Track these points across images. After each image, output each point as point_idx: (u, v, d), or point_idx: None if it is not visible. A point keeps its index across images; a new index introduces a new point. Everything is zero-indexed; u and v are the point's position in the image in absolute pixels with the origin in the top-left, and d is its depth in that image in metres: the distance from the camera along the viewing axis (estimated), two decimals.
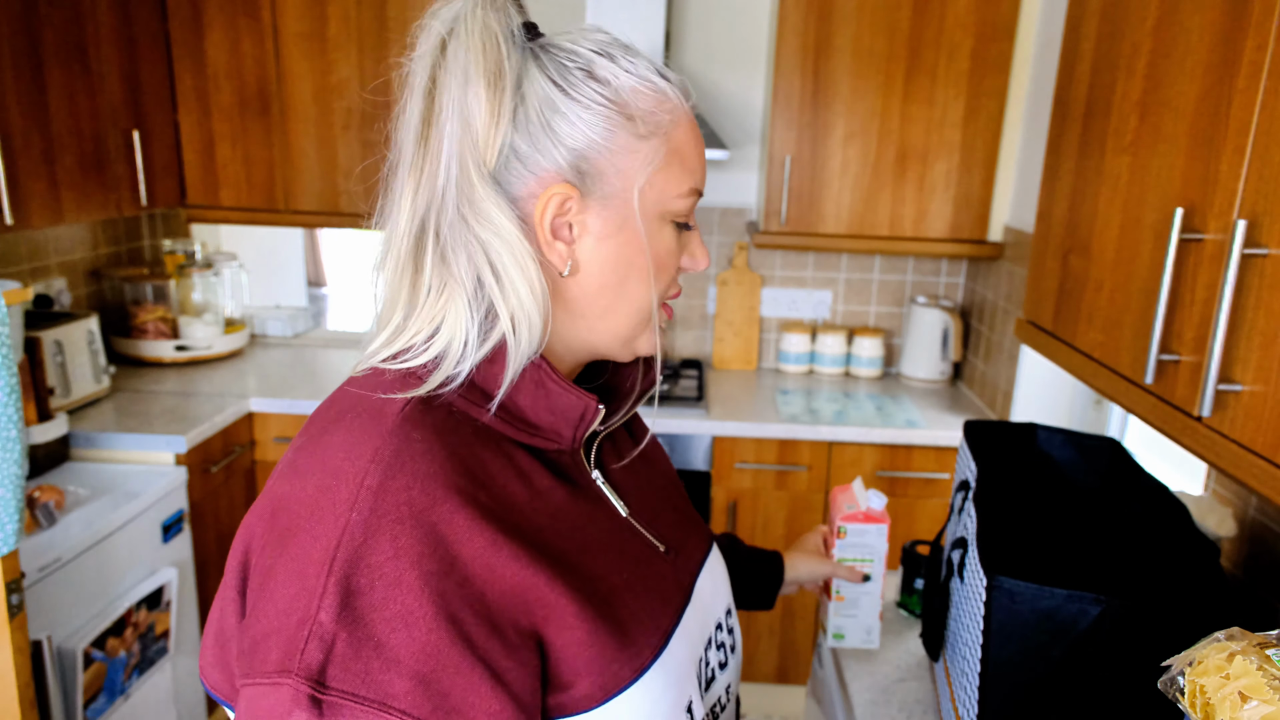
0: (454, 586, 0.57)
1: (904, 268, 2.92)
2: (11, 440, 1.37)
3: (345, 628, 0.54)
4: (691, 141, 0.70)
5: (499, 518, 0.61)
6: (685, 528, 0.83)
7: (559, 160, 0.64)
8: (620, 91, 0.66)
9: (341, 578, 0.55)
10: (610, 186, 0.66)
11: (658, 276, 0.70)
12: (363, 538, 0.56)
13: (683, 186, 0.69)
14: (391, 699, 0.53)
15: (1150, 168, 1.03)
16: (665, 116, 0.68)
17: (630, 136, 0.66)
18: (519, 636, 0.59)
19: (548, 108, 0.64)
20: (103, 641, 1.82)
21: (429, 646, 0.55)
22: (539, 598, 0.60)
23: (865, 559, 1.24)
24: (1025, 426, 1.34)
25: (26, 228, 1.98)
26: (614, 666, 0.64)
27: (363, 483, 0.58)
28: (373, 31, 2.50)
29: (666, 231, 0.70)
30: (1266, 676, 0.68)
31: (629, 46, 0.69)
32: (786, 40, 2.41)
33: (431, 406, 0.64)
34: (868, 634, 1.31)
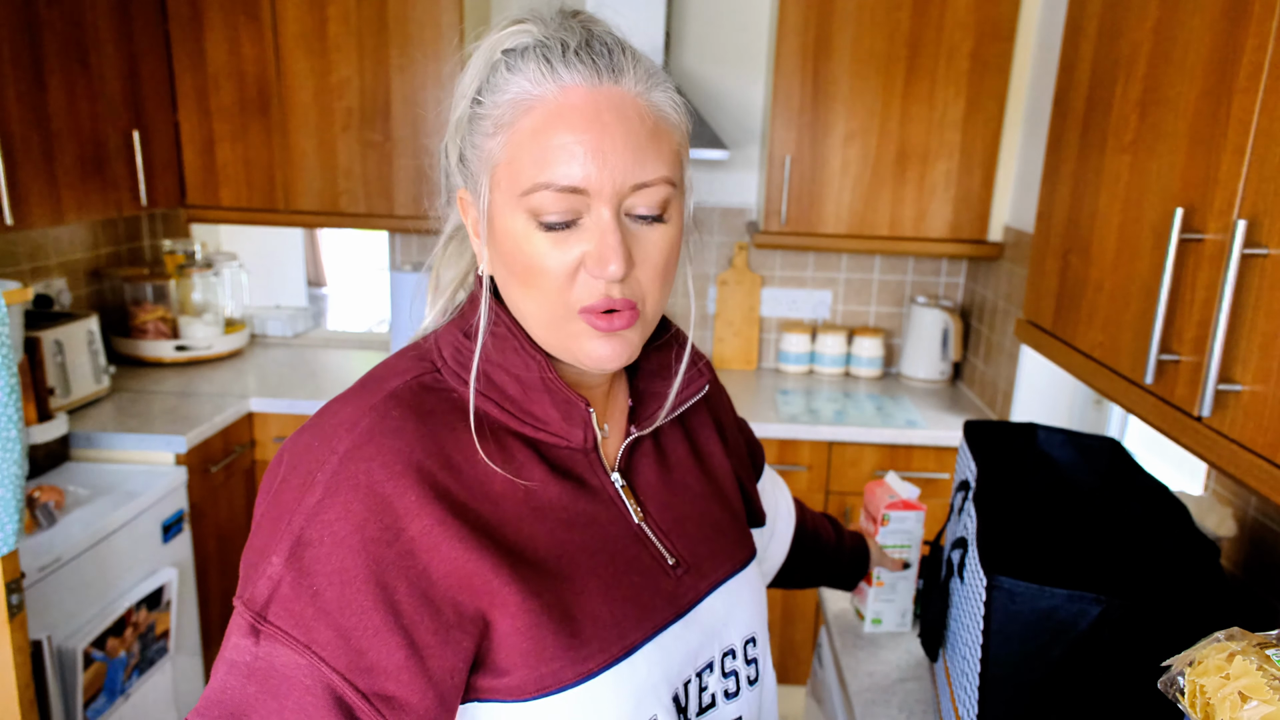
0: (394, 556, 0.61)
1: (904, 268, 2.92)
2: (11, 440, 1.37)
3: (291, 572, 0.60)
4: (549, 132, 0.63)
5: (457, 502, 0.64)
6: (713, 544, 0.80)
7: (463, 167, 0.70)
8: (489, 90, 0.66)
9: (297, 529, 0.61)
10: (476, 188, 0.68)
11: (531, 279, 0.65)
12: (321, 496, 0.61)
13: (526, 181, 0.63)
14: (315, 645, 0.59)
15: (1150, 168, 1.03)
16: (510, 110, 0.64)
17: (481, 135, 0.66)
18: (458, 616, 0.62)
19: (465, 118, 0.69)
20: (103, 641, 1.82)
21: (356, 605, 0.59)
22: (484, 582, 0.63)
23: (905, 544, 1.35)
24: (1025, 426, 1.34)
25: (26, 228, 1.98)
26: (554, 665, 0.65)
27: (334, 447, 0.63)
28: (373, 31, 2.50)
29: (528, 232, 0.64)
30: (1266, 676, 0.68)
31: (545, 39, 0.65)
32: (786, 40, 2.41)
33: (429, 389, 0.68)
34: (902, 617, 1.41)
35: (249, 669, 0.59)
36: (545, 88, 0.63)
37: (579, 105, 0.63)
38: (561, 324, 0.67)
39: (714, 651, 0.77)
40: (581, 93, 0.63)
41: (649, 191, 0.65)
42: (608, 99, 0.63)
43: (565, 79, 0.63)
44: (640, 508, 0.76)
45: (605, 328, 0.66)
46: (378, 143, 2.57)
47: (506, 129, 0.64)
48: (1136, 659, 0.89)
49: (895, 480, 1.37)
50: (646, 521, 0.76)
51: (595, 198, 0.63)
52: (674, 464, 0.81)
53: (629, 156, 0.63)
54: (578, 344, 0.67)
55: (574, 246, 0.64)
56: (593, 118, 0.62)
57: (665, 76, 0.68)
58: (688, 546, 0.78)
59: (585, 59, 0.64)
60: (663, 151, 0.65)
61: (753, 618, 0.82)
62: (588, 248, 0.64)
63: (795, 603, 2.54)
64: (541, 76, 0.63)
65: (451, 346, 0.71)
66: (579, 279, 0.65)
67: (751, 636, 0.81)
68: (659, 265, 0.67)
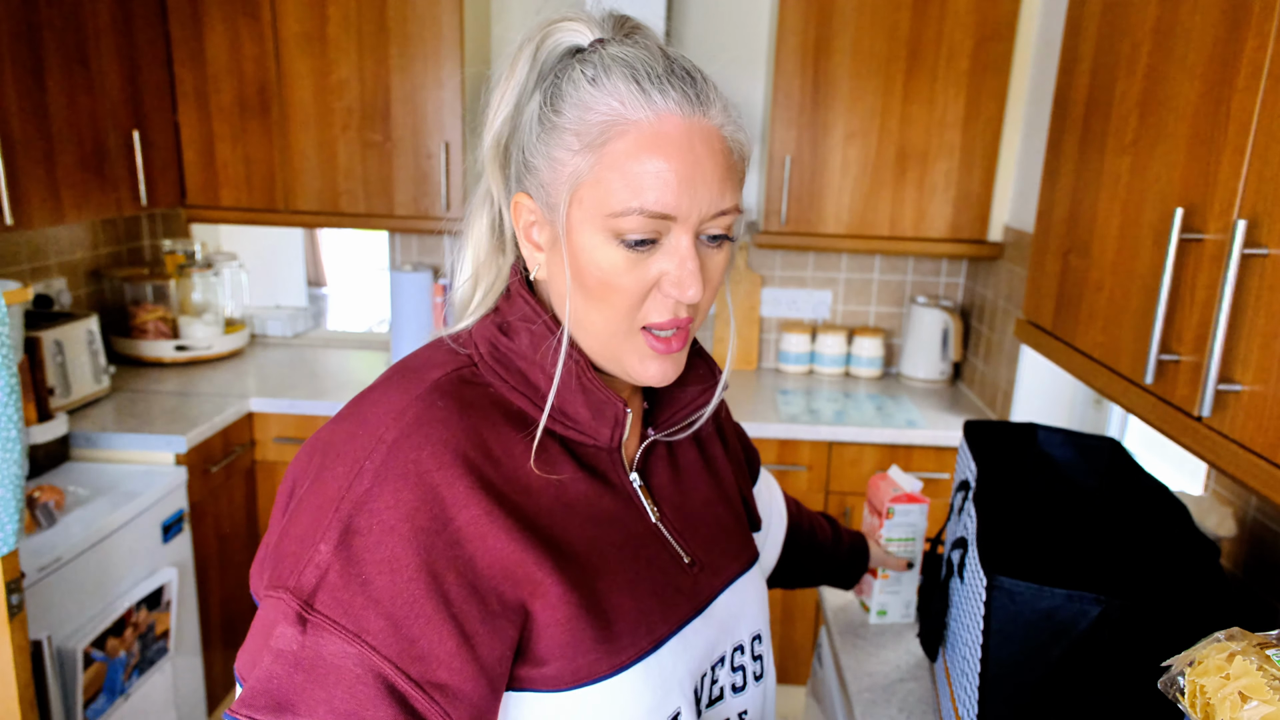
0: (443, 545, 0.62)
1: (904, 268, 2.92)
2: (11, 440, 1.37)
3: (339, 561, 0.60)
4: (644, 156, 0.64)
5: (501, 493, 0.65)
6: (722, 545, 0.83)
7: (526, 172, 0.70)
8: (577, 107, 0.65)
9: (345, 516, 0.61)
10: (551, 199, 0.68)
11: (603, 296, 0.67)
12: (370, 484, 0.62)
13: (616, 204, 0.64)
14: (366, 633, 0.59)
15: (1150, 168, 1.03)
16: (603, 128, 0.64)
17: (564, 150, 0.66)
18: (501, 605, 0.63)
19: (530, 126, 0.69)
20: (103, 641, 1.82)
21: (407, 594, 0.60)
22: (526, 574, 0.64)
23: (909, 537, 1.38)
24: (1025, 426, 1.34)
25: (26, 228, 1.98)
26: (590, 657, 0.66)
27: (382, 436, 0.64)
28: (373, 31, 2.50)
29: (608, 249, 0.66)
30: (1266, 676, 0.68)
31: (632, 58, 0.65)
32: (786, 40, 2.41)
33: (468, 383, 0.70)
34: (906, 609, 1.43)
35: (296, 658, 0.59)
36: (640, 112, 0.64)
37: (672, 134, 0.64)
38: (623, 338, 0.69)
39: (727, 646, 0.79)
40: (675, 121, 0.64)
41: (724, 218, 0.67)
42: (699, 130, 0.65)
43: (660, 105, 0.64)
44: (656, 507, 0.78)
45: (664, 350, 0.69)
46: (378, 143, 2.57)
47: (596, 149, 0.65)
48: (1136, 659, 0.89)
49: (898, 474, 1.40)
50: (662, 521, 0.77)
51: (680, 224, 0.65)
52: (684, 466, 0.83)
53: (715, 188, 0.66)
54: (634, 359, 0.70)
55: (652, 267, 0.67)
56: (686, 148, 0.64)
57: (735, 107, 0.70)
58: (700, 546, 0.80)
59: (677, 85, 0.65)
60: (738, 179, 0.69)
61: (758, 615, 0.84)
62: (666, 269, 0.66)
63: (795, 602, 2.54)
64: (635, 99, 0.64)
65: (488, 343, 0.72)
66: (650, 296, 0.68)
67: (758, 633, 0.84)
68: (716, 283, 0.70)
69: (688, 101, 0.65)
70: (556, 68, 0.68)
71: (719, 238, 0.68)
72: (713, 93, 0.67)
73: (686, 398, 0.81)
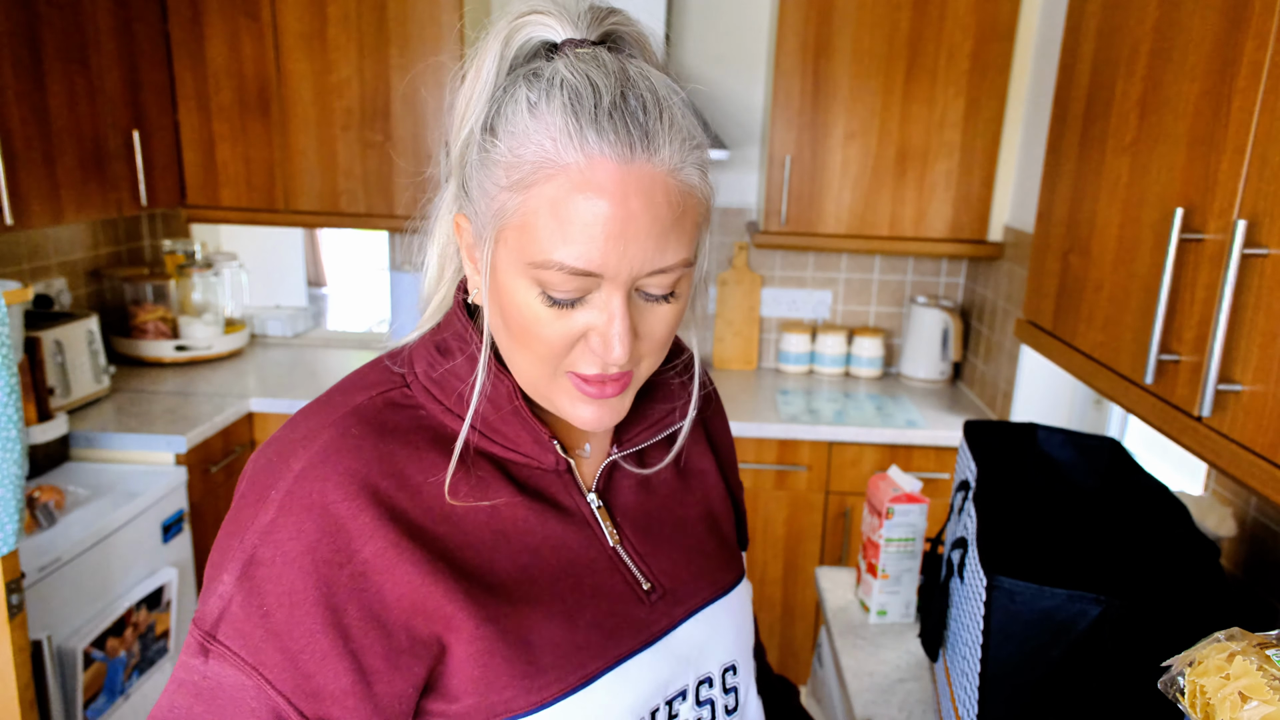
0: (346, 579, 0.59)
1: (904, 268, 2.92)
2: (11, 440, 1.37)
3: (241, 592, 0.59)
4: (567, 207, 0.56)
5: (414, 524, 0.62)
6: (694, 570, 0.77)
7: (464, 191, 0.65)
8: (507, 132, 0.59)
9: (250, 547, 0.60)
10: (480, 230, 0.63)
11: (524, 340, 0.62)
12: (274, 515, 0.60)
13: (539, 255, 0.58)
14: (263, 666, 0.58)
15: (1150, 168, 1.03)
16: (533, 169, 0.57)
17: (497, 184, 0.59)
18: (411, 640, 0.61)
19: (474, 140, 0.63)
20: (103, 641, 1.82)
21: (304, 628, 0.58)
22: (436, 607, 0.61)
23: (909, 537, 1.39)
24: (1025, 426, 1.34)
25: (26, 228, 1.98)
26: (507, 693, 0.63)
27: (290, 465, 0.62)
28: (373, 31, 2.50)
29: (530, 298, 0.60)
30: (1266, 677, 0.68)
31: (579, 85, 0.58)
32: (786, 40, 2.41)
33: (396, 406, 0.66)
34: (906, 608, 1.44)
35: (197, 688, 0.59)
36: (571, 154, 0.56)
37: (605, 184, 0.56)
38: (549, 380, 0.64)
39: (688, 679, 0.74)
40: (610, 168, 0.56)
41: (665, 276, 0.60)
42: (637, 180, 0.57)
43: (594, 148, 0.56)
44: (616, 530, 0.73)
45: (595, 394, 0.63)
46: (378, 143, 2.57)
47: (522, 190, 0.58)
48: (1136, 659, 0.89)
49: (898, 474, 1.40)
50: (623, 544, 0.73)
51: (609, 282, 0.59)
52: (657, 484, 0.78)
53: (650, 244, 0.58)
54: (562, 401, 0.65)
55: (578, 320, 0.60)
56: (619, 200, 0.56)
57: (700, 138, 0.62)
58: (666, 571, 0.75)
59: (619, 125, 0.57)
60: (685, 232, 0.60)
61: (733, 645, 0.78)
62: (594, 323, 0.60)
63: (795, 602, 2.54)
64: (568, 138, 0.56)
65: (425, 362, 0.69)
66: (577, 348, 0.62)
67: (732, 664, 0.78)
68: (661, 338, 0.64)
69: (627, 144, 0.57)
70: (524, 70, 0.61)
71: (660, 297, 0.61)
72: (665, 130, 0.58)
73: (655, 414, 0.76)
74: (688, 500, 0.80)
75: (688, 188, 0.60)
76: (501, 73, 0.62)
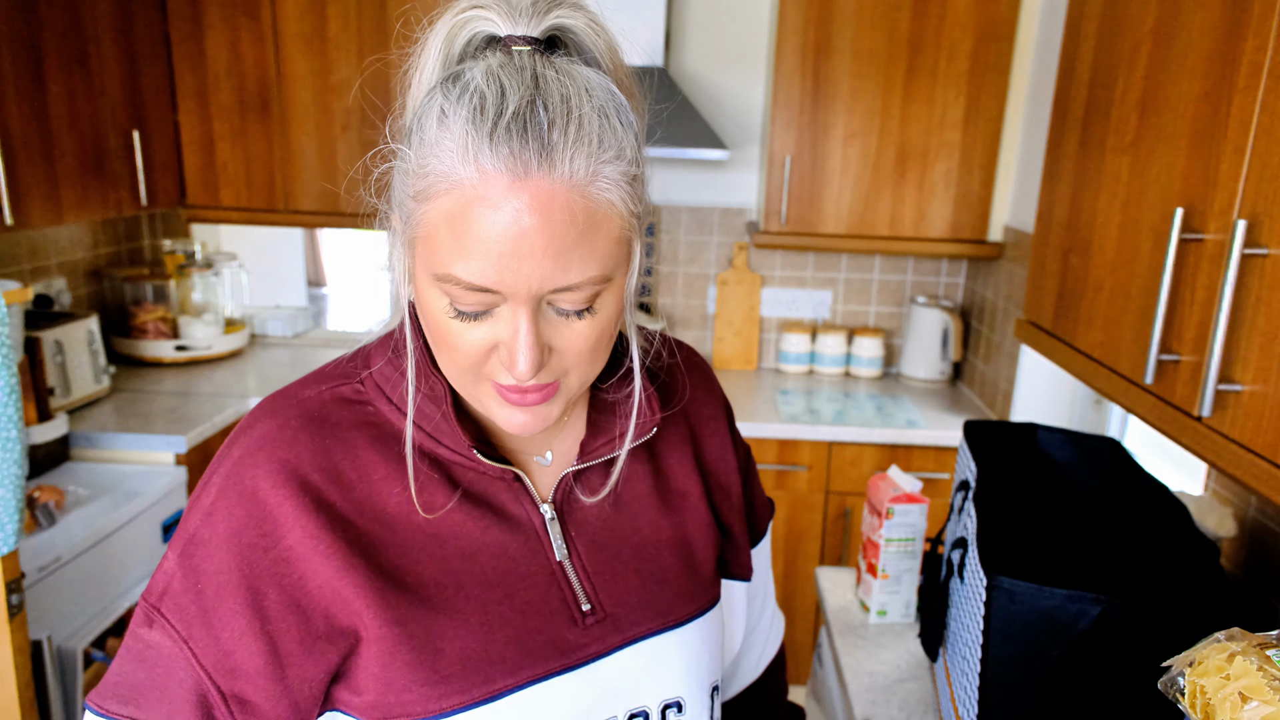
0: (269, 563, 0.62)
1: (904, 268, 2.92)
2: (11, 440, 1.37)
3: (181, 569, 0.63)
4: (461, 222, 0.55)
5: (340, 517, 0.64)
6: (645, 595, 0.72)
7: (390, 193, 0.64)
8: (418, 140, 0.58)
9: (192, 527, 0.63)
10: (399, 235, 0.62)
11: (440, 347, 0.62)
12: (215, 498, 0.63)
13: (439, 267, 0.57)
14: (191, 640, 0.61)
15: (1150, 168, 1.03)
16: (431, 181, 0.56)
17: (405, 192, 0.59)
18: (328, 627, 0.63)
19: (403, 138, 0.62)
20: (103, 641, 1.82)
21: (227, 607, 0.61)
22: (347, 600, 0.63)
23: (909, 537, 1.39)
24: (1025, 426, 1.34)
25: (26, 228, 1.98)
26: (404, 696, 0.63)
27: (232, 452, 0.65)
28: (373, 31, 2.50)
29: (444, 309, 0.59)
30: (1266, 677, 0.68)
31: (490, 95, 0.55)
32: (786, 40, 2.41)
33: (345, 401, 0.68)
34: (906, 608, 1.44)
35: (140, 655, 0.62)
36: (465, 169, 0.55)
37: (497, 201, 0.54)
38: (473, 385, 0.63)
39: (616, 711, 0.69)
40: (503, 185, 0.54)
41: (573, 294, 0.58)
42: (533, 196, 0.54)
43: (486, 163, 0.54)
44: (567, 545, 0.70)
45: (517, 401, 0.62)
46: (378, 143, 2.57)
47: (424, 201, 0.57)
48: (1136, 659, 0.89)
49: (898, 474, 1.40)
50: (571, 559, 0.70)
51: (511, 298, 0.57)
52: (626, 500, 0.74)
53: (549, 262, 0.55)
54: (490, 405, 0.63)
55: (488, 332, 0.59)
56: (511, 219, 0.54)
57: (624, 147, 0.58)
58: (612, 594, 0.71)
59: (516, 138, 0.54)
60: (596, 247, 0.57)
61: (680, 681, 0.72)
62: (500, 337, 0.59)
63: (795, 603, 2.54)
64: (465, 152, 0.55)
65: (379, 358, 0.69)
66: (493, 358, 0.61)
67: (675, 701, 0.72)
68: (584, 351, 0.61)
69: (521, 159, 0.54)
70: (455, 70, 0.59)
71: (572, 313, 0.59)
72: (570, 143, 0.55)
73: (615, 428, 0.72)
74: (662, 523, 0.75)
75: (594, 201, 0.56)
76: (440, 72, 0.61)
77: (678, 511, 0.77)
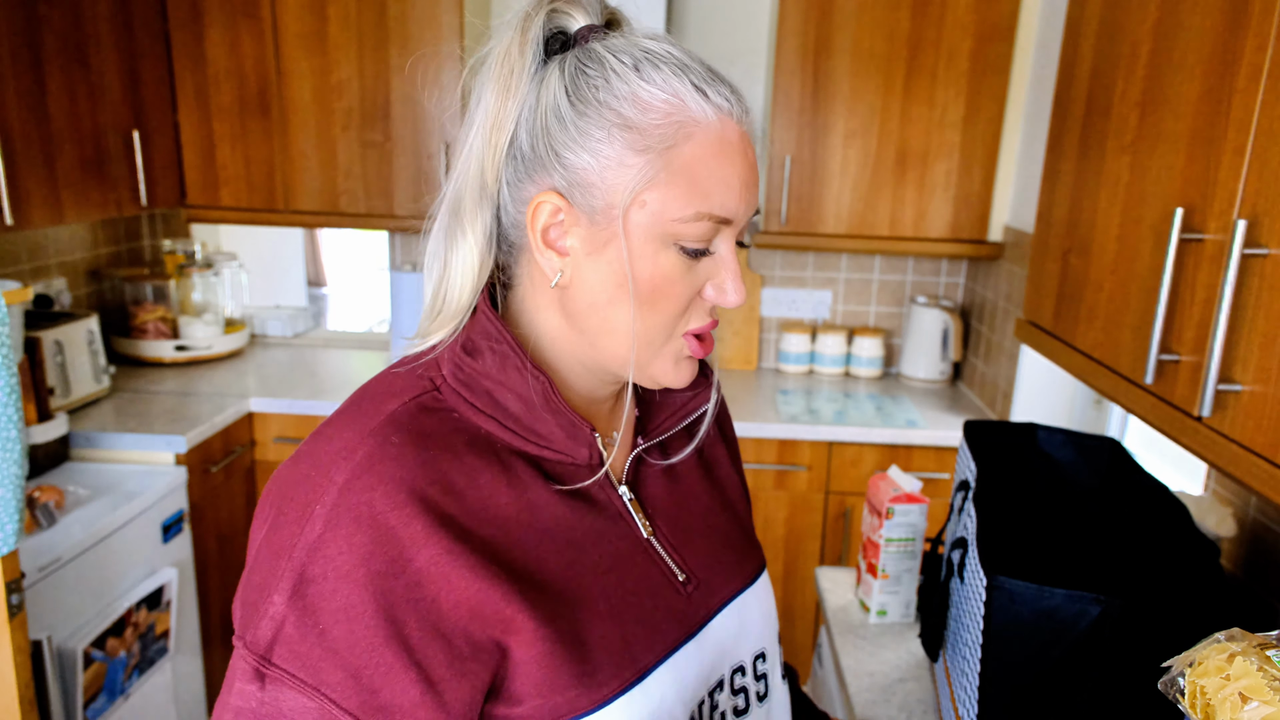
0: (402, 589, 0.58)
1: (904, 268, 2.92)
2: (11, 440, 1.37)
3: (294, 611, 0.57)
4: (712, 161, 0.62)
5: (464, 529, 0.61)
6: (722, 558, 0.78)
7: (552, 168, 0.64)
8: (625, 101, 0.62)
9: (299, 564, 0.58)
10: (597, 201, 0.63)
11: (653, 303, 0.64)
12: (322, 530, 0.58)
13: (685, 210, 0.62)
14: (325, 686, 0.57)
15: (1150, 168, 1.03)
16: (671, 130, 0.61)
17: (623, 149, 0.62)
18: (471, 647, 0.60)
19: (553, 115, 0.63)
20: (103, 641, 1.82)
21: (365, 642, 0.57)
22: (495, 611, 0.61)
23: (909, 537, 1.40)
24: (1025, 426, 1.34)
25: (26, 228, 1.98)
26: (570, 694, 0.63)
27: (332, 478, 0.60)
28: (373, 31, 2.50)
29: (667, 256, 0.63)
30: (1267, 677, 0.68)
31: (674, 54, 0.63)
32: (786, 40, 2.41)
33: (429, 410, 0.65)
34: (906, 608, 1.44)
35: (255, 715, 0.57)
36: (704, 113, 0.62)
37: (733, 139, 0.64)
38: (661, 344, 0.67)
39: (725, 670, 0.75)
40: (732, 126, 0.64)
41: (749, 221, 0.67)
42: (746, 135, 0.65)
43: (722, 106, 0.63)
44: (649, 521, 0.73)
45: (702, 348, 0.68)
46: (378, 143, 2.57)
47: (662, 151, 0.62)
48: (1136, 659, 0.89)
49: (898, 474, 1.40)
50: (656, 536, 0.73)
51: (730, 229, 0.65)
52: (681, 474, 0.79)
53: (755, 191, 0.66)
54: (668, 364, 0.68)
55: (702, 271, 0.65)
56: (743, 152, 0.64)
57: None
58: (698, 561, 0.75)
59: (730, 91, 0.64)
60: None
61: (763, 633, 0.79)
62: (712, 275, 0.66)
63: (795, 602, 2.54)
64: (695, 98, 0.62)
65: (451, 364, 0.67)
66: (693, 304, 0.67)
67: (761, 652, 0.79)
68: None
69: (738, 104, 0.64)
70: (576, 54, 0.64)
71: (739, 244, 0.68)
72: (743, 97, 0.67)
73: (678, 402, 0.77)
74: (711, 490, 0.81)
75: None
76: (533, 57, 0.64)
77: (718, 479, 0.83)
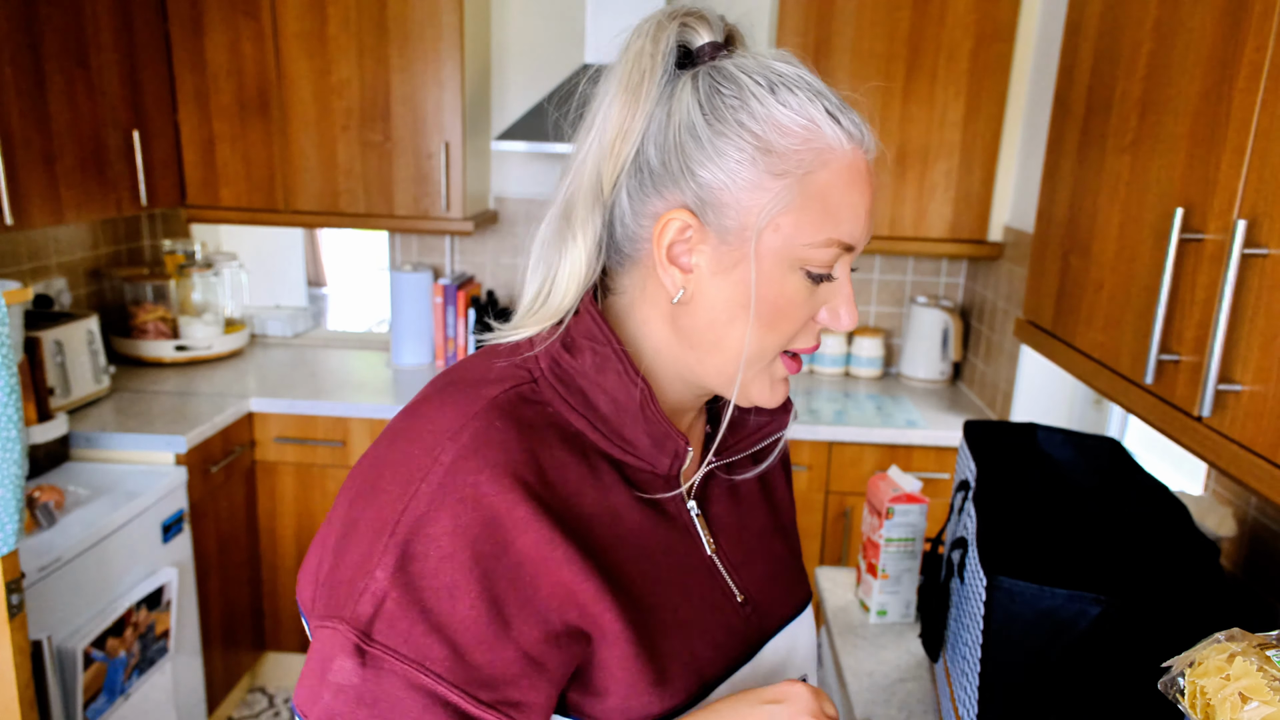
0: (505, 570, 0.59)
1: (904, 268, 2.92)
2: (11, 440, 1.37)
3: (397, 588, 0.57)
4: (844, 189, 0.63)
5: (561, 518, 0.62)
6: (778, 582, 0.79)
7: (684, 185, 0.64)
8: (764, 124, 0.62)
9: (401, 541, 0.58)
10: (730, 221, 0.63)
11: (773, 324, 0.65)
12: (426, 508, 0.59)
13: (818, 235, 0.63)
14: (429, 661, 0.57)
15: (1150, 168, 1.03)
16: (809, 157, 0.62)
17: (761, 173, 0.62)
18: (564, 628, 0.61)
19: (686, 131, 0.63)
20: (103, 641, 1.82)
21: (469, 620, 0.58)
22: (586, 604, 0.61)
23: (909, 537, 1.39)
24: (1025, 426, 1.34)
25: (26, 228, 1.98)
26: (644, 698, 0.64)
27: (438, 457, 0.60)
28: (373, 31, 2.50)
29: (793, 279, 0.64)
30: (1267, 677, 0.68)
31: (806, 79, 0.64)
32: (786, 40, 2.41)
33: (527, 401, 0.65)
34: (906, 608, 1.45)
35: (358, 693, 0.57)
36: (839, 141, 0.63)
37: (861, 168, 0.64)
38: (768, 364, 0.67)
39: None
40: (861, 155, 0.65)
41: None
42: (870, 164, 0.66)
43: (854, 135, 0.64)
44: (713, 539, 0.74)
45: (797, 369, 0.70)
46: (378, 143, 2.57)
47: (800, 177, 0.62)
48: (1136, 659, 0.89)
49: (898, 474, 1.40)
50: (718, 554, 0.73)
51: (850, 256, 0.66)
52: (744, 495, 0.79)
53: (873, 220, 0.67)
54: (765, 383, 0.68)
55: (820, 297, 0.66)
56: (870, 181, 0.65)
57: None
58: (755, 583, 0.76)
59: (848, 112, 0.64)
60: None
61: (806, 660, 0.80)
62: (828, 300, 0.67)
63: None
64: (831, 126, 0.63)
65: (549, 359, 0.67)
66: (806, 325, 0.67)
67: (803, 677, 0.80)
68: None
69: (868, 133, 0.65)
70: (707, 70, 0.64)
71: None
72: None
73: (755, 423, 0.77)
74: (769, 513, 0.82)
75: None
76: (666, 68, 0.64)
77: (775, 503, 0.84)
